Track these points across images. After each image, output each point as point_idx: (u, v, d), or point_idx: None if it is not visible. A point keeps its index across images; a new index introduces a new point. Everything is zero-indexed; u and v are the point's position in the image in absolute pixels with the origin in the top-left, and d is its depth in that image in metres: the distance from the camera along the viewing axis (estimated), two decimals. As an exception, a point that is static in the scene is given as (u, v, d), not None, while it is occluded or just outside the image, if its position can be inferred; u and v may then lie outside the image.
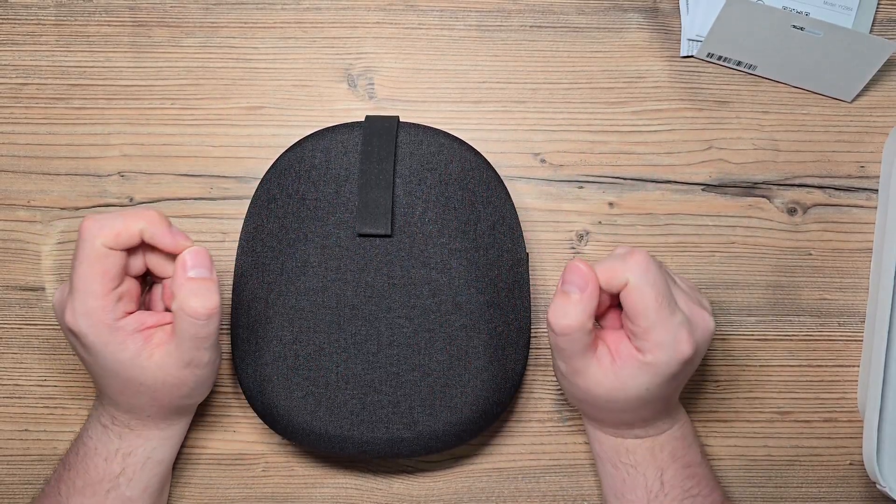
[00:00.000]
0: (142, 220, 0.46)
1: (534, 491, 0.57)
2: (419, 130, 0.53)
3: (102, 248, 0.46)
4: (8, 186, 0.58)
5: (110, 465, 0.50)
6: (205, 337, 0.46)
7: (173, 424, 0.52)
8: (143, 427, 0.51)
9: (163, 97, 0.59)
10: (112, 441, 0.50)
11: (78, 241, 0.46)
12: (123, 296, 0.47)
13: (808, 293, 0.58)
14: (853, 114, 0.60)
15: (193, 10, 0.59)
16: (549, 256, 0.58)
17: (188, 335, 0.46)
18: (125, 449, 0.50)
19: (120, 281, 0.47)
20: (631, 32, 0.60)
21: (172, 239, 0.47)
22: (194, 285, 0.46)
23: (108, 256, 0.46)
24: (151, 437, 0.51)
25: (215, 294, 0.46)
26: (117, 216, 0.46)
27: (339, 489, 0.57)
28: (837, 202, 0.59)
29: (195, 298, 0.45)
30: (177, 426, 0.53)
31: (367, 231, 0.52)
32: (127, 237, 0.46)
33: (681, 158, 0.59)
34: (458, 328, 0.52)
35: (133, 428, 0.51)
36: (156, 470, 0.52)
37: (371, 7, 0.59)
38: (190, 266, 0.46)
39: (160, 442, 0.52)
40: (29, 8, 0.59)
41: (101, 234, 0.46)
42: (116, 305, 0.46)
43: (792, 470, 0.58)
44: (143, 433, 0.51)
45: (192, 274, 0.46)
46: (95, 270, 0.46)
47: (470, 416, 0.52)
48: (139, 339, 0.47)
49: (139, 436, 0.51)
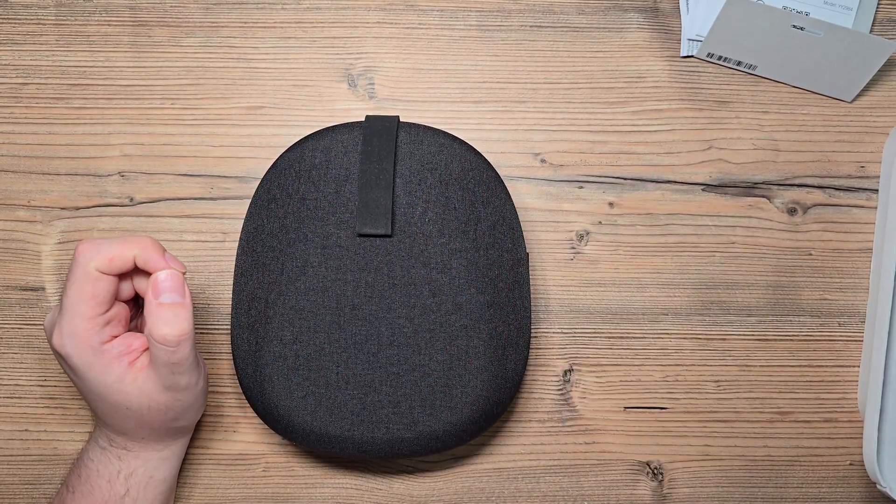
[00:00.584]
0: (136, 247, 0.47)
1: (534, 491, 0.57)
2: (419, 130, 0.53)
3: (95, 271, 0.46)
4: (8, 186, 0.58)
5: (114, 486, 0.50)
6: (177, 362, 0.46)
7: (170, 445, 0.52)
8: (140, 448, 0.51)
9: (163, 97, 0.59)
10: (112, 463, 0.51)
11: (72, 263, 0.47)
12: (112, 320, 0.47)
13: (808, 293, 0.58)
14: (853, 114, 0.60)
15: (193, 10, 0.59)
16: (549, 256, 0.58)
17: (161, 361, 0.46)
18: (126, 470, 0.51)
19: (109, 306, 0.47)
20: (631, 32, 0.60)
21: (166, 265, 0.47)
22: (164, 311, 0.46)
23: (100, 280, 0.46)
24: (150, 458, 0.51)
25: (185, 320, 0.46)
26: (113, 241, 0.47)
27: (339, 489, 0.57)
28: (837, 202, 0.59)
29: (165, 325, 0.45)
30: (175, 446, 0.53)
31: (368, 231, 0.52)
32: (121, 262, 0.47)
33: (681, 158, 0.59)
34: (458, 328, 0.52)
35: (130, 449, 0.51)
36: (160, 489, 0.52)
37: (371, 7, 0.59)
38: (161, 290, 0.46)
39: (160, 462, 0.52)
40: (29, 8, 0.59)
41: (95, 259, 0.46)
42: (103, 329, 0.47)
43: (792, 470, 0.58)
44: (140, 454, 0.51)
45: (164, 299, 0.46)
46: (86, 293, 0.46)
47: (470, 416, 0.52)
48: (124, 363, 0.47)
49: (137, 457, 0.51)
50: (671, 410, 0.58)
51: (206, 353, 0.58)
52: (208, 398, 0.57)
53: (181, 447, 0.54)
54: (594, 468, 0.58)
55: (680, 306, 0.58)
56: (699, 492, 0.58)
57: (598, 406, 0.58)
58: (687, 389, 0.58)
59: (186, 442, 0.54)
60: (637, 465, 0.58)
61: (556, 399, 0.58)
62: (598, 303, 0.58)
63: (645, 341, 0.58)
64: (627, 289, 0.58)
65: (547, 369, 0.58)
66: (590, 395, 0.58)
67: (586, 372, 0.58)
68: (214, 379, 0.57)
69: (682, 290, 0.58)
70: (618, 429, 0.58)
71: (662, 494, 0.58)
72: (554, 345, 0.58)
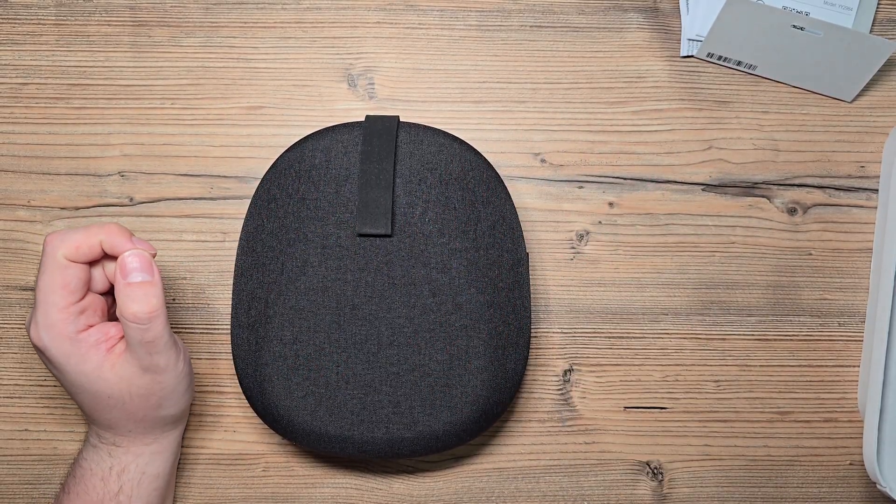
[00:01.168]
0: (101, 233, 0.47)
1: (534, 491, 0.57)
2: (419, 130, 0.53)
3: (63, 260, 0.46)
4: (8, 186, 0.58)
5: (108, 484, 0.50)
6: (151, 341, 0.46)
7: (159, 439, 0.52)
8: (129, 443, 0.51)
9: (163, 97, 0.59)
10: (104, 460, 0.50)
11: (42, 255, 0.47)
12: (86, 309, 0.48)
13: (808, 293, 0.58)
14: (853, 114, 0.60)
15: (193, 10, 0.59)
16: (549, 256, 0.58)
17: (135, 341, 0.46)
18: (118, 466, 0.50)
19: (82, 294, 0.47)
20: (631, 32, 0.60)
21: (133, 246, 0.47)
22: (132, 290, 0.46)
23: (69, 269, 0.46)
24: (141, 453, 0.51)
25: (154, 297, 0.46)
26: (79, 229, 0.47)
27: (339, 489, 0.57)
28: (837, 202, 0.59)
29: (134, 304, 0.46)
30: (165, 440, 0.52)
31: (368, 231, 0.52)
32: (87, 249, 0.47)
33: (681, 158, 0.59)
34: (458, 328, 0.52)
35: (120, 444, 0.51)
36: (154, 484, 0.52)
37: (371, 7, 0.59)
38: (129, 271, 0.46)
39: (151, 457, 0.52)
40: (29, 8, 0.59)
41: (62, 247, 0.46)
42: (78, 318, 0.47)
43: (792, 470, 0.58)
44: (130, 449, 0.51)
45: (133, 278, 0.46)
46: (56, 282, 0.46)
47: (470, 416, 0.52)
48: (101, 351, 0.47)
49: (127, 452, 0.51)
50: (671, 410, 0.58)
51: (207, 353, 0.58)
52: (208, 398, 0.57)
53: (172, 442, 0.53)
54: (594, 468, 0.58)
55: (680, 306, 0.58)
56: (699, 492, 0.58)
57: (597, 406, 0.58)
58: (687, 389, 0.58)
59: (178, 437, 0.54)
60: (637, 465, 0.58)
61: (556, 399, 0.58)
62: (598, 303, 0.58)
63: (645, 341, 0.58)
64: (627, 289, 0.58)
65: (547, 369, 0.58)
66: (590, 394, 0.58)
67: (586, 372, 0.58)
68: (214, 379, 0.57)
69: (682, 290, 0.58)
70: (618, 429, 0.58)
71: (662, 494, 0.58)
72: (554, 345, 0.58)
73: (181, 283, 0.58)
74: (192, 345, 0.57)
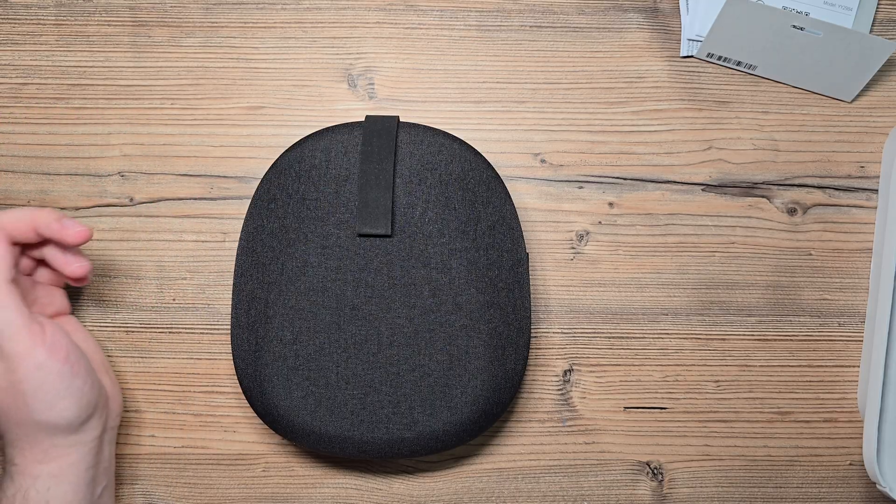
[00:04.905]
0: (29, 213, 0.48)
1: (534, 491, 0.57)
2: (419, 130, 0.53)
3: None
4: (8, 186, 0.58)
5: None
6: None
7: (52, 456, 0.47)
8: (21, 458, 0.47)
9: (163, 97, 0.59)
10: (8, 486, 0.47)
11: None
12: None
13: (808, 293, 0.59)
14: (853, 114, 0.60)
15: (193, 10, 0.59)
16: (549, 256, 0.58)
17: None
18: (20, 493, 0.47)
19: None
20: (631, 32, 0.60)
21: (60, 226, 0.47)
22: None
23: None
24: (38, 475, 0.47)
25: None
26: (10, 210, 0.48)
27: (339, 489, 0.57)
28: (837, 202, 0.59)
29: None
30: (62, 461, 0.47)
31: (367, 231, 0.52)
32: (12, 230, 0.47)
33: (681, 158, 0.59)
34: (458, 328, 0.52)
35: (15, 461, 0.47)
36: None
37: (371, 7, 0.59)
38: None
39: (49, 480, 0.47)
40: (29, 8, 0.59)
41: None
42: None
43: (792, 470, 0.58)
44: (25, 469, 0.47)
45: None
46: None
47: (470, 416, 0.52)
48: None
49: (23, 473, 0.47)
50: (671, 410, 0.58)
51: (207, 353, 0.58)
52: (208, 398, 0.57)
53: (74, 465, 0.48)
54: (594, 468, 0.58)
55: (680, 306, 0.58)
56: (699, 492, 0.58)
57: (597, 406, 0.58)
58: (687, 389, 0.58)
59: (83, 461, 0.48)
60: (637, 465, 0.58)
61: (556, 399, 0.58)
62: (598, 303, 0.58)
63: (645, 341, 0.58)
64: (627, 289, 0.58)
65: (547, 369, 0.58)
66: (590, 395, 0.58)
67: (586, 372, 0.58)
68: (214, 379, 0.57)
69: (682, 290, 0.58)
70: (618, 429, 0.58)
71: (662, 494, 0.58)
72: (554, 345, 0.58)
73: (181, 283, 0.58)
74: (192, 345, 0.57)
